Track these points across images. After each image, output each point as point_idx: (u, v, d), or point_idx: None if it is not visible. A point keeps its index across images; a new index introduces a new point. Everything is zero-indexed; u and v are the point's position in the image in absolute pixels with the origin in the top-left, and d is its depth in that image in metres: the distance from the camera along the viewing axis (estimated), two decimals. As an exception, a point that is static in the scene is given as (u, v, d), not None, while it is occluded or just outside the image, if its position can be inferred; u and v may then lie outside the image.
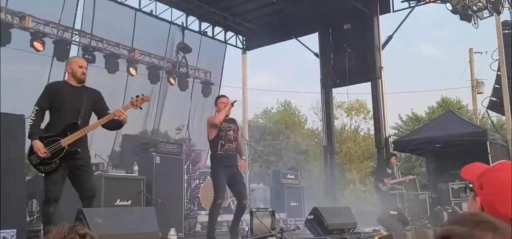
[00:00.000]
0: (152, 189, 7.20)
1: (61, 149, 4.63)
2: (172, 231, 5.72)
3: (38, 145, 4.56)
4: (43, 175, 4.82)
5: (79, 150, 4.69)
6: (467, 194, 1.62)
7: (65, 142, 4.64)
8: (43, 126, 4.84)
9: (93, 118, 5.07)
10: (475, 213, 1.25)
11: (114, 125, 4.95)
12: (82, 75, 4.94)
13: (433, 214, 10.58)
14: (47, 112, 4.88)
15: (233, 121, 6.36)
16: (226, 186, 6.22)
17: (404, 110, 33.43)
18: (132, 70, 11.80)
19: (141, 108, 5.09)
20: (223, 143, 6.02)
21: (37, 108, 4.71)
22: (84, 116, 4.87)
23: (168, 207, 7.12)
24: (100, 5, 11.62)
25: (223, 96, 6.44)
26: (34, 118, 4.68)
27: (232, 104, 6.27)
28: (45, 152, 4.56)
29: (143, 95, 4.94)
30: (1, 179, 6.14)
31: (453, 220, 1.16)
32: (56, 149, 4.63)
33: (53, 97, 4.79)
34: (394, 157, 12.26)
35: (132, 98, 4.97)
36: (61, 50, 10.47)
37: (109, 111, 4.95)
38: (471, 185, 1.59)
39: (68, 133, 4.67)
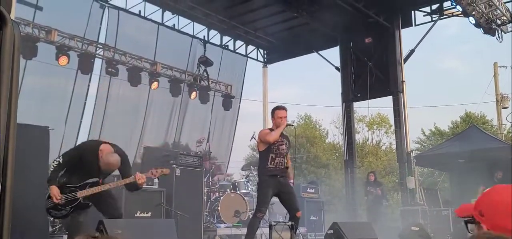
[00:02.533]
0: (172, 201, 7.24)
1: (75, 199, 4.96)
2: (191, 244, 5.73)
3: (54, 191, 4.90)
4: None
5: (90, 204, 5.01)
6: (470, 231, 1.76)
7: (81, 194, 4.97)
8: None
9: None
10: (487, 231, 1.33)
11: (133, 186, 5.16)
12: (113, 166, 5.11)
13: (456, 231, 10.36)
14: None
15: (286, 137, 6.21)
16: (270, 199, 6.14)
17: (427, 125, 32.93)
18: (154, 84, 11.96)
19: (158, 179, 5.53)
20: (274, 157, 5.90)
21: (61, 161, 5.03)
22: (105, 177, 5.21)
23: (187, 219, 7.15)
24: (124, 20, 11.85)
25: (282, 108, 6.13)
26: (56, 166, 5.02)
27: (288, 125, 6.16)
28: (59, 198, 4.88)
29: (164, 169, 5.35)
30: (25, 190, 6.27)
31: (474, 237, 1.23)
32: (71, 198, 4.96)
33: (81, 157, 5.11)
34: (372, 174, 12.98)
35: (154, 169, 5.34)
36: (85, 64, 10.68)
37: (131, 173, 5.20)
38: (470, 219, 1.74)
39: (88, 187, 5.00)
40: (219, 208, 8.55)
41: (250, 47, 15.13)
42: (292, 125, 6.38)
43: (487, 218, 1.64)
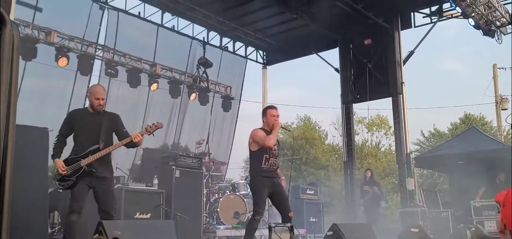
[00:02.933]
0: (172, 203, 7.24)
1: (79, 168, 5.13)
2: (191, 245, 5.72)
3: (59, 163, 5.13)
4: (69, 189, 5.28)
5: (93, 170, 5.13)
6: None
7: (84, 162, 5.13)
8: (69, 149, 5.36)
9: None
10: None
11: (131, 145, 5.39)
12: (99, 106, 5.32)
13: (456, 232, 10.36)
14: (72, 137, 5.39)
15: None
16: (266, 199, 6.09)
17: (426, 126, 32.99)
18: (153, 86, 11.95)
19: (153, 135, 5.50)
20: (268, 157, 5.85)
21: (58, 134, 5.30)
22: (105, 140, 5.30)
23: (187, 221, 7.14)
24: (124, 21, 11.84)
25: (273, 107, 6.09)
26: (55, 142, 5.29)
27: (282, 127, 6.10)
28: (64, 170, 5.09)
29: (157, 123, 5.40)
30: (24, 191, 6.26)
31: None
32: (75, 167, 5.14)
33: (73, 124, 5.32)
34: (369, 171, 12.87)
35: (148, 125, 5.44)
36: (84, 65, 10.68)
37: (126, 131, 5.40)
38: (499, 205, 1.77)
39: (90, 155, 5.16)
40: (218, 209, 8.55)
41: (250, 49, 15.14)
42: (290, 130, 6.31)
43: (506, 211, 1.68)
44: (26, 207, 6.27)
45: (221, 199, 8.74)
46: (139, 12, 12.21)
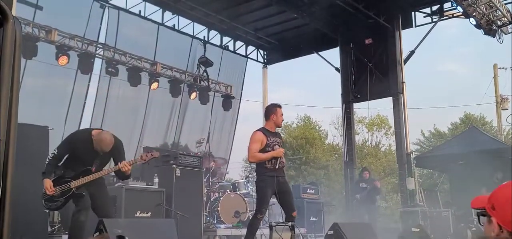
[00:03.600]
0: (172, 201, 7.23)
1: (69, 190, 5.05)
2: (191, 244, 5.71)
3: (47, 184, 5.02)
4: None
5: (84, 193, 5.07)
6: (481, 223, 1.79)
7: (74, 184, 5.06)
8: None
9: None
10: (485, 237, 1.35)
11: (122, 175, 5.34)
12: (106, 147, 5.14)
13: (457, 232, 10.35)
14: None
15: (278, 135, 6.18)
16: (270, 199, 6.11)
17: (426, 126, 32.94)
18: (154, 85, 11.93)
19: (148, 164, 5.64)
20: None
21: (55, 153, 5.15)
22: (99, 165, 5.25)
23: (187, 219, 7.13)
24: (124, 20, 11.84)
25: (280, 106, 6.12)
26: (50, 159, 5.13)
27: (279, 160, 6.00)
28: (53, 191, 5.00)
29: (154, 152, 5.46)
30: (24, 190, 6.25)
31: None
32: (64, 189, 5.06)
33: (74, 147, 5.20)
34: (367, 172, 12.36)
35: (142, 154, 5.48)
36: (85, 64, 10.66)
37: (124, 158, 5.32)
38: (483, 211, 1.75)
39: (81, 177, 5.08)
40: (219, 208, 8.54)
41: (250, 48, 15.13)
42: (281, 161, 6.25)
43: (498, 212, 1.64)
44: (26, 206, 6.26)
45: (221, 198, 8.73)
46: (140, 11, 12.21)
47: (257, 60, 15.40)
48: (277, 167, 5.88)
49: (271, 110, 6.10)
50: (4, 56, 1.43)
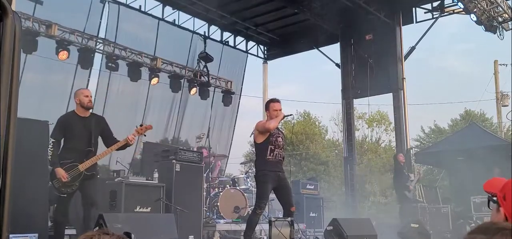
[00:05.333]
0: (172, 196, 7.23)
1: (79, 174, 5.24)
2: (191, 238, 5.73)
3: (61, 172, 5.18)
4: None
5: (94, 173, 5.35)
6: (490, 207, 1.67)
7: (82, 166, 5.25)
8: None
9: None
10: (495, 221, 1.28)
11: (125, 146, 5.63)
12: (89, 103, 5.56)
13: (456, 228, 10.38)
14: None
15: (281, 131, 6.27)
16: (269, 194, 6.16)
17: (426, 122, 32.98)
18: (154, 80, 11.93)
19: (145, 135, 5.81)
20: (273, 148, 5.90)
21: (53, 140, 5.34)
22: (94, 143, 5.48)
23: (187, 214, 7.13)
24: (124, 15, 11.82)
25: (276, 101, 6.15)
26: (52, 149, 5.31)
27: (285, 116, 6.13)
28: (66, 178, 5.18)
29: (147, 124, 5.71)
30: (24, 184, 6.26)
31: (475, 229, 1.19)
32: (74, 174, 5.24)
33: (65, 128, 5.41)
34: (401, 154, 11.32)
35: (136, 126, 5.66)
36: (85, 58, 10.66)
37: (111, 133, 5.68)
38: (494, 198, 1.63)
39: (85, 159, 5.28)
40: (218, 203, 8.55)
41: (251, 43, 15.12)
42: (290, 115, 6.36)
43: (508, 203, 1.57)
44: (27, 201, 6.26)
45: (221, 193, 8.74)
46: (140, 6, 12.20)
47: (257, 56, 15.40)
48: (277, 158, 5.90)
49: (266, 106, 6.23)
50: (4, 51, 1.43)
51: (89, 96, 5.57)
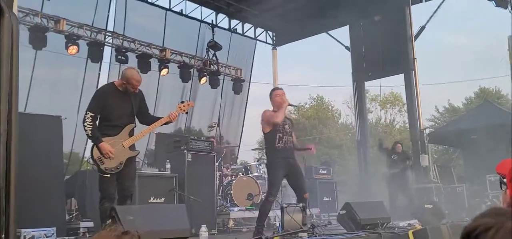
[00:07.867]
0: (185, 186, 7.29)
1: (123, 150, 4.86)
2: (203, 228, 5.78)
3: (107, 147, 4.71)
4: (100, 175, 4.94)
5: (138, 151, 5.05)
6: (502, 188, 1.65)
7: (127, 144, 4.86)
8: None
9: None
10: (500, 207, 1.25)
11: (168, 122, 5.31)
12: (134, 90, 5.11)
13: (471, 207, 10.30)
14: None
15: (288, 117, 6.30)
16: (281, 181, 6.18)
17: (440, 102, 32.57)
18: (164, 71, 11.94)
19: (187, 113, 5.44)
20: (281, 136, 5.92)
21: (91, 114, 4.80)
22: (133, 119, 5.12)
23: (201, 204, 7.19)
24: (132, 7, 11.82)
25: (278, 89, 6.23)
26: (91, 123, 4.77)
27: (289, 105, 6.16)
28: (112, 153, 4.74)
29: (188, 101, 5.27)
30: (40, 179, 6.36)
31: (481, 214, 1.17)
32: (119, 152, 4.83)
33: (105, 102, 4.94)
34: (400, 144, 11.38)
35: (178, 103, 5.33)
36: (94, 52, 10.70)
37: (148, 110, 5.34)
38: (504, 179, 1.62)
39: (129, 136, 4.91)
40: (231, 191, 8.60)
41: (259, 30, 15.04)
42: (295, 106, 6.37)
43: None
44: (43, 195, 6.38)
45: (234, 181, 8.79)
46: (147, -3, 12.19)
47: (266, 42, 15.33)
48: (286, 145, 5.92)
49: (270, 95, 6.17)
50: (2, 49, 1.45)
51: (139, 84, 5.13)
